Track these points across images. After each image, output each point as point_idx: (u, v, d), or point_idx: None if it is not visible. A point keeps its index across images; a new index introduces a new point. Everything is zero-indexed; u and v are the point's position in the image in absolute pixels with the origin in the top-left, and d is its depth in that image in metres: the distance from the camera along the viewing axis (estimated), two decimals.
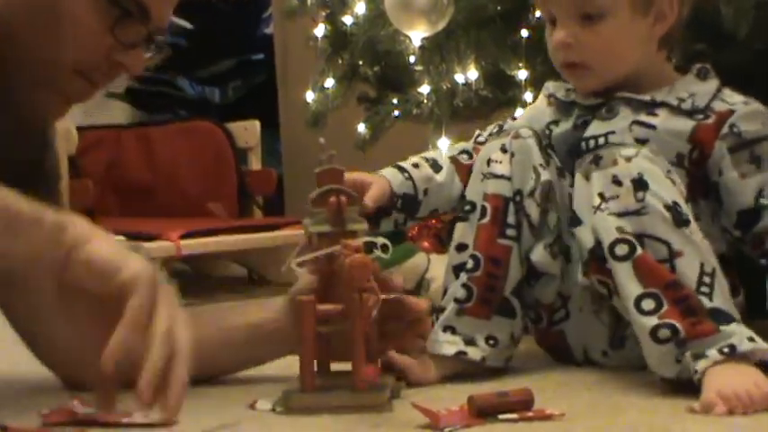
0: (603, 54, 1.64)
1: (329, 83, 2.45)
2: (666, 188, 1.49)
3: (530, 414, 1.33)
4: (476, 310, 1.59)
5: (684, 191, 1.52)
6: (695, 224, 1.48)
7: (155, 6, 1.40)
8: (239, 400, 1.45)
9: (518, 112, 2.08)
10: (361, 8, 2.35)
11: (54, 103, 1.42)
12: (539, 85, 1.83)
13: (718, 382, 1.35)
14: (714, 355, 1.39)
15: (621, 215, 1.48)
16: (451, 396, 1.44)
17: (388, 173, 1.68)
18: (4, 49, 1.37)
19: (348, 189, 1.42)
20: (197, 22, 4.11)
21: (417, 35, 2.10)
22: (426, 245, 2.46)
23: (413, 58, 2.26)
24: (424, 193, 1.69)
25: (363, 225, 1.43)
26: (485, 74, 2.16)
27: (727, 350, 1.39)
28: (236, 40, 4.24)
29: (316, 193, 1.42)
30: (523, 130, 1.64)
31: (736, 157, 1.60)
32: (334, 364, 1.45)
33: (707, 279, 1.44)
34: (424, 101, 2.24)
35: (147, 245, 2.78)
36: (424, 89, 2.24)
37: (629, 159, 1.51)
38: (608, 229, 1.48)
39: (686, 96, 1.63)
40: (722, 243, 1.61)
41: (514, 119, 1.84)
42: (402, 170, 1.69)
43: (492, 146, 1.64)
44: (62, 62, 1.38)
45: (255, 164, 3.56)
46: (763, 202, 1.58)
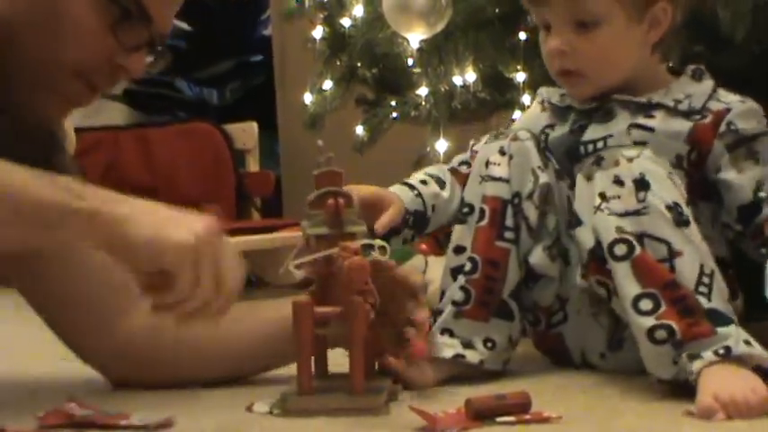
0: (598, 62, 1.64)
1: (327, 85, 2.45)
2: (668, 189, 1.49)
3: (527, 417, 1.33)
4: (474, 312, 1.59)
5: (685, 193, 1.52)
6: (695, 226, 1.48)
7: (155, 8, 1.40)
8: (237, 402, 1.44)
9: (516, 114, 2.08)
10: (359, 10, 2.35)
11: (54, 105, 1.42)
12: (537, 87, 1.83)
13: (714, 385, 1.35)
14: (709, 356, 1.39)
15: (622, 215, 1.48)
16: (449, 399, 1.44)
17: (398, 190, 1.67)
18: (4, 50, 1.37)
19: (345, 191, 1.42)
20: (195, 24, 4.10)
21: (415, 37, 2.10)
22: (424, 247, 2.45)
23: (411, 61, 2.26)
24: (433, 209, 1.69)
25: (361, 227, 1.43)
26: (483, 76, 2.16)
27: (722, 352, 1.38)
28: (234, 41, 4.23)
29: (314, 195, 1.42)
30: (522, 133, 1.64)
31: (735, 155, 1.60)
32: (333, 366, 1.44)
33: (706, 279, 1.44)
34: (423, 103, 2.24)
35: None
36: (423, 91, 2.24)
37: (631, 160, 1.51)
38: (608, 228, 1.48)
39: (682, 98, 1.64)
40: (721, 246, 1.62)
41: (513, 121, 1.84)
42: (411, 187, 1.69)
43: (490, 148, 1.64)
44: (62, 63, 1.38)
45: (253, 165, 3.56)
46: (762, 195, 1.58)
